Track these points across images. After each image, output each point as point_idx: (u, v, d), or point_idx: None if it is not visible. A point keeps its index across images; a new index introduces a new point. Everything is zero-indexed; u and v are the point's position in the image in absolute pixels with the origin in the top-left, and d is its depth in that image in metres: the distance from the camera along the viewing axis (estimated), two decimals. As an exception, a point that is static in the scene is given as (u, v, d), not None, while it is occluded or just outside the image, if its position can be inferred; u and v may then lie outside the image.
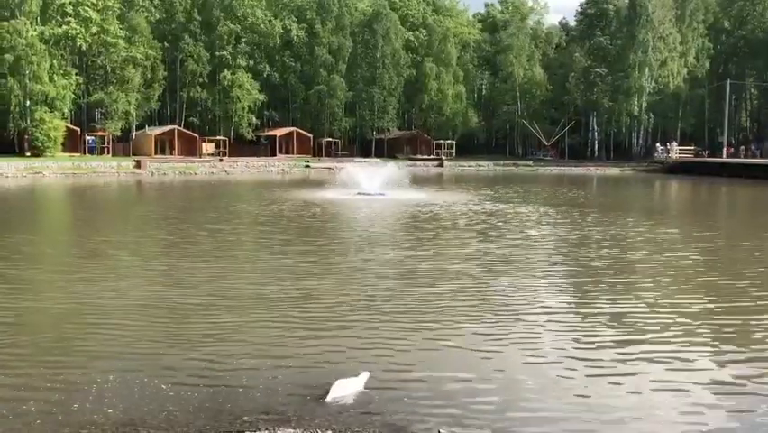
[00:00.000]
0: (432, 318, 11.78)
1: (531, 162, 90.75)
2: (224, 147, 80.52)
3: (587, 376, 9.23)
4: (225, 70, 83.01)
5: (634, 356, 10.03)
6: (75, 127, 73.68)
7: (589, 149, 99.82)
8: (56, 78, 68.59)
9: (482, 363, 9.65)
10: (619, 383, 8.97)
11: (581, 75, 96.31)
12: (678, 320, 12.00)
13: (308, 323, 11.57)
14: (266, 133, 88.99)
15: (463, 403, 8.32)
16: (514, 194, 44.12)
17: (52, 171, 57.56)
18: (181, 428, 7.58)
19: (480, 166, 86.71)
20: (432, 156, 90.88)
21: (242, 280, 14.92)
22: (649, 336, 11.09)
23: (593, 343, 10.66)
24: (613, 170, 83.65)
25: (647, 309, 12.72)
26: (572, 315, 12.52)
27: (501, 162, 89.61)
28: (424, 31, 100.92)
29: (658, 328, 11.45)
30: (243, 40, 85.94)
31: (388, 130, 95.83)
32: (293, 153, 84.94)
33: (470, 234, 23.58)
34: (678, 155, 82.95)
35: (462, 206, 33.97)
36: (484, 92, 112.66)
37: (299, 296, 13.50)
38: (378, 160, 76.20)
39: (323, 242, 21.40)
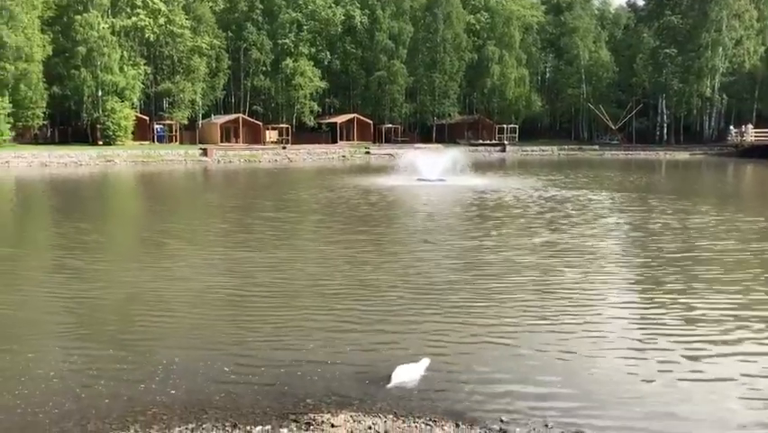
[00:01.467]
0: (495, 309, 11.56)
1: (597, 147, 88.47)
2: (287, 135, 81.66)
3: (655, 371, 8.91)
4: (288, 58, 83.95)
5: (708, 353, 9.64)
6: (144, 116, 76.06)
7: (658, 133, 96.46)
8: (126, 69, 70.82)
9: (546, 355, 9.44)
10: (688, 379, 8.66)
11: (650, 56, 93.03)
12: (759, 316, 11.44)
13: (368, 310, 11.59)
14: (327, 121, 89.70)
15: (525, 393, 8.18)
16: (581, 180, 42.80)
17: (123, 159, 59.53)
18: (246, 409, 7.71)
19: (543, 151, 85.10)
20: (494, 141, 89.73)
21: (301, 269, 15.05)
22: (729, 333, 10.51)
23: (666, 338, 10.19)
24: (683, 155, 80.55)
25: (729, 304, 12.01)
26: (645, 308, 11.99)
27: (566, 147, 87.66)
28: (486, 13, 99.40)
29: (736, 325, 10.85)
30: (305, 27, 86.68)
31: (449, 115, 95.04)
32: (354, 140, 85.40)
33: (538, 222, 22.56)
34: (753, 138, 79.07)
35: (528, 192, 33.02)
36: (548, 75, 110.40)
37: (359, 284, 13.52)
38: (438, 145, 75.78)
39: (382, 230, 21.32)
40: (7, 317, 11.39)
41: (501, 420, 7.44)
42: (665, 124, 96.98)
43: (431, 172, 39.14)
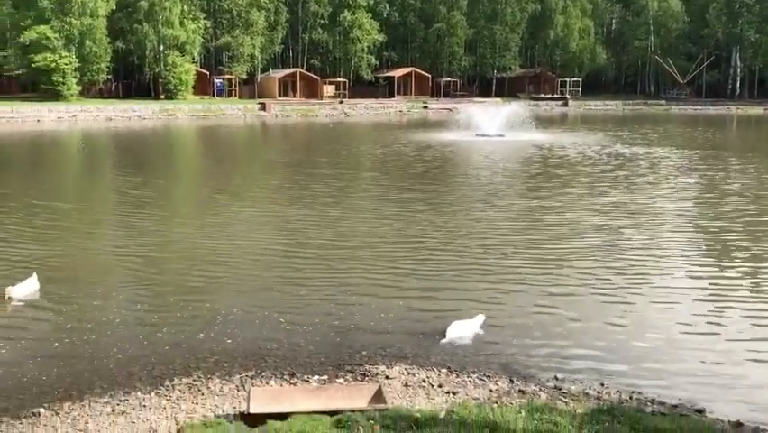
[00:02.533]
0: (556, 271, 11.29)
1: (663, 102, 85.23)
2: (344, 89, 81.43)
3: (719, 342, 8.68)
4: (345, 11, 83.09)
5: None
6: (204, 71, 76.94)
7: (730, 86, 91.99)
8: (186, 23, 71.46)
9: (606, 319, 9.27)
10: (754, 352, 8.37)
11: (724, 5, 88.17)
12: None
13: (423, 268, 11.60)
14: (385, 75, 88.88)
15: (581, 354, 8.11)
16: (651, 136, 41.16)
17: (184, 113, 60.61)
18: (303, 359, 7.89)
19: (607, 105, 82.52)
20: (556, 95, 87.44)
21: (355, 227, 15.11)
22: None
23: (735, 310, 9.72)
24: (756, 110, 76.68)
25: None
26: (715, 276, 11.44)
27: (630, 102, 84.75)
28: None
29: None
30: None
31: (510, 68, 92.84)
32: (411, 94, 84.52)
33: (604, 181, 21.72)
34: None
35: (592, 149, 31.85)
36: (614, 26, 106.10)
37: (414, 243, 13.51)
38: (498, 100, 74.37)
39: (438, 188, 21.10)
40: (73, 268, 11.89)
41: (556, 378, 7.41)
42: (738, 78, 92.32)
43: (490, 127, 38.50)
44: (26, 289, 9.88)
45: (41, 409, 6.64)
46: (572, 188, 20.50)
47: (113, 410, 6.64)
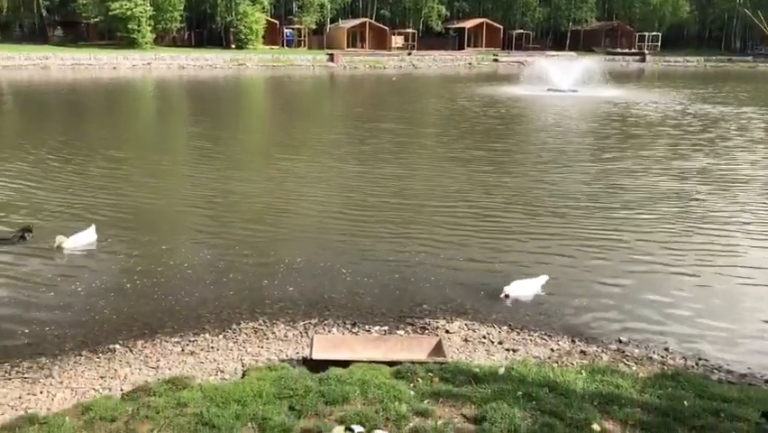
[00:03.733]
0: (627, 236, 10.86)
1: (749, 58, 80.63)
2: (413, 40, 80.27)
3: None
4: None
5: None
6: (274, 20, 77.14)
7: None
8: (257, -28, 71.52)
9: (676, 287, 8.97)
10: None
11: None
12: None
13: (488, 225, 11.50)
14: (455, 26, 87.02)
15: (647, 318, 7.93)
16: (741, 95, 38.77)
17: (253, 63, 61.17)
18: (365, 310, 8.02)
19: (687, 62, 78.67)
20: (633, 50, 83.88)
21: (419, 182, 15.04)
22: None
23: None
24: None
25: None
26: None
27: (713, 58, 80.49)
28: None
29: None
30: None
31: (586, 21, 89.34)
32: (482, 47, 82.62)
33: (685, 143, 20.48)
34: None
35: (672, 107, 30.20)
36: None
37: (479, 199, 13.38)
38: (572, 53, 71.85)
39: (506, 146, 20.66)
40: (145, 213, 12.34)
41: (619, 340, 7.30)
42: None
43: (563, 82, 37.33)
44: (81, 240, 9.98)
45: (117, 346, 7.00)
46: (650, 150, 19.31)
47: (182, 350, 6.94)
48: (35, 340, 7.13)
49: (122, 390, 5.95)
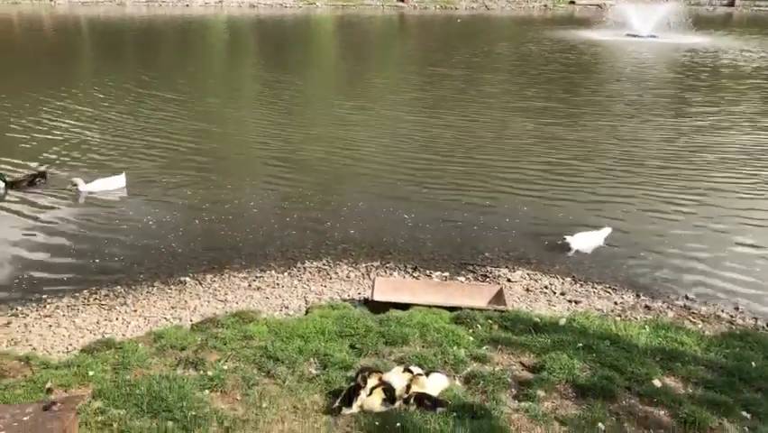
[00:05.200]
0: (699, 195, 10.39)
1: None
2: (486, -20, 77.78)
3: None
4: None
5: None
6: (345, -41, 76.00)
7: None
8: None
9: (749, 248, 8.66)
10: None
11: None
12: None
13: (553, 176, 11.23)
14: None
15: (716, 275, 7.71)
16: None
17: (324, 2, 60.64)
18: (427, 255, 8.07)
19: (780, 7, 73.53)
20: (720, -6, 78.96)
21: (485, 130, 14.75)
22: None
23: None
24: None
25: None
26: None
27: (810, 3, 74.90)
28: None
29: None
30: None
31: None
32: (558, -12, 79.34)
33: None
34: None
35: (764, 57, 27.73)
36: None
37: (545, 150, 13.07)
38: (653, -3, 68.22)
39: (577, 96, 19.96)
40: (210, 155, 12.61)
41: (686, 297, 7.13)
42: None
43: (643, 27, 35.56)
44: (102, 185, 9.97)
45: (187, 279, 7.29)
46: (738, 105, 17.93)
47: (249, 285, 7.17)
48: (111, 271, 7.50)
49: (191, 320, 6.23)
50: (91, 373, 4.72)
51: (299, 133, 13.82)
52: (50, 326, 6.20)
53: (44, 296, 6.87)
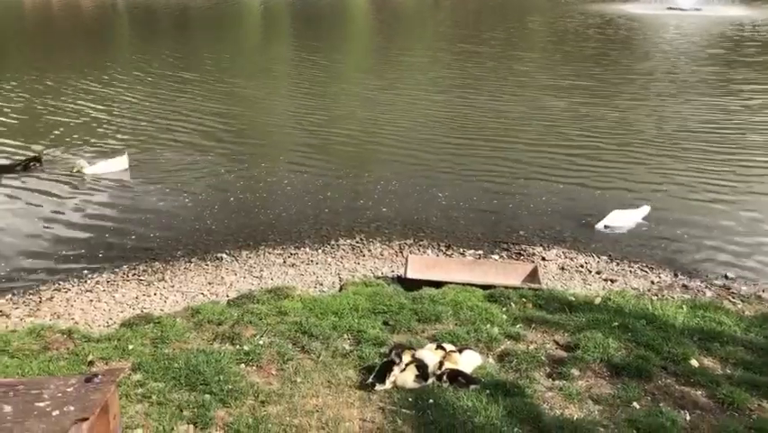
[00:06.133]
0: (740, 177, 9.97)
1: None
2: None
3: None
4: None
5: None
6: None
7: None
8: None
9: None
10: None
11: None
12: None
13: (589, 154, 11.05)
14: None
15: (756, 255, 7.52)
16: None
17: (357, -20, 60.18)
18: (460, 233, 8.04)
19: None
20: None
21: (519, 107, 14.50)
22: None
23: None
24: None
25: None
26: None
27: None
28: None
29: None
30: None
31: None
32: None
33: None
34: None
35: None
36: None
37: (581, 129, 12.79)
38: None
39: (614, 74, 19.38)
40: (244, 133, 12.72)
41: (726, 277, 6.99)
42: None
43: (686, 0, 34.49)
44: (106, 167, 9.98)
45: (224, 255, 7.40)
46: None
47: (284, 262, 7.24)
48: (149, 247, 7.64)
49: (228, 296, 6.33)
50: (131, 347, 4.83)
51: (331, 113, 13.83)
52: (91, 300, 6.36)
53: (85, 271, 7.05)
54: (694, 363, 4.74)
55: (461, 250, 7.60)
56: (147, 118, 13.12)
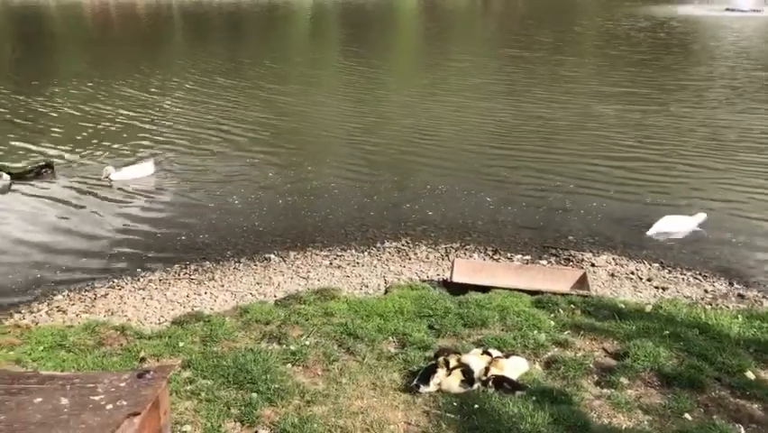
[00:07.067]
0: None
1: None
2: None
3: None
4: None
5: None
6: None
7: None
8: None
9: None
10: None
11: None
12: None
13: (641, 159, 10.81)
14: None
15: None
16: None
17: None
18: (508, 238, 7.97)
19: None
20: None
21: (568, 113, 14.32)
22: None
23: None
24: None
25: None
26: None
27: None
28: None
29: None
30: None
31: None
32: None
33: None
34: None
35: None
36: None
37: (633, 133, 12.54)
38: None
39: (670, 80, 18.86)
40: (291, 135, 12.84)
41: (784, 286, 6.75)
42: None
43: (744, 0, 33.49)
44: (130, 174, 10.03)
45: (272, 256, 7.49)
46: None
47: (330, 263, 7.30)
48: (200, 247, 7.79)
49: (275, 296, 6.40)
50: (181, 344, 4.93)
51: (375, 119, 13.89)
52: (144, 298, 6.52)
53: (138, 270, 7.23)
54: (750, 375, 4.59)
55: (509, 254, 7.53)
56: (195, 124, 13.38)
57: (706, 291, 6.63)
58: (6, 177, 9.97)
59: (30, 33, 30.27)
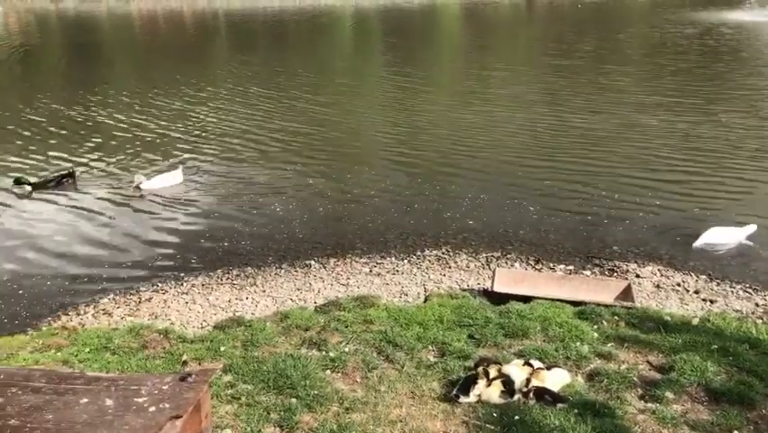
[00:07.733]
0: None
1: None
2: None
3: None
4: None
5: None
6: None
7: None
8: None
9: None
10: None
11: None
12: None
13: (688, 170, 10.54)
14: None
15: None
16: None
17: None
18: (550, 247, 7.86)
19: None
20: None
21: (612, 123, 14.04)
22: None
23: None
24: None
25: None
26: None
27: None
28: None
29: None
30: None
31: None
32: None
33: None
34: None
35: None
36: None
37: (682, 144, 12.21)
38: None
39: (715, 87, 18.24)
40: (332, 144, 12.91)
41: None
42: None
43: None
44: (159, 183, 10.11)
45: (312, 262, 7.54)
46: None
47: (370, 271, 7.31)
48: (242, 253, 7.90)
49: (315, 302, 6.44)
50: (222, 349, 4.99)
51: (415, 126, 13.90)
52: (187, 302, 6.63)
53: (182, 275, 7.35)
54: (803, 392, 4.42)
55: (551, 264, 7.43)
56: (232, 134, 13.53)
57: (757, 305, 6.43)
58: (27, 187, 10.12)
59: (78, 44, 31.20)
